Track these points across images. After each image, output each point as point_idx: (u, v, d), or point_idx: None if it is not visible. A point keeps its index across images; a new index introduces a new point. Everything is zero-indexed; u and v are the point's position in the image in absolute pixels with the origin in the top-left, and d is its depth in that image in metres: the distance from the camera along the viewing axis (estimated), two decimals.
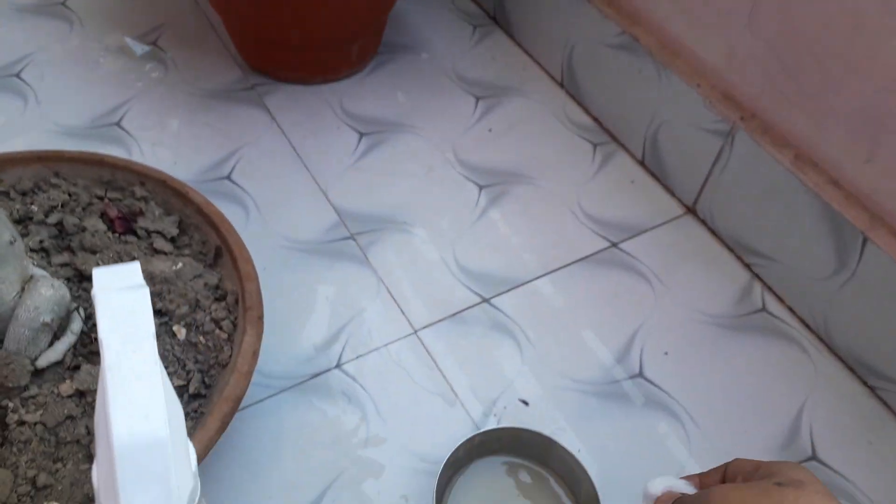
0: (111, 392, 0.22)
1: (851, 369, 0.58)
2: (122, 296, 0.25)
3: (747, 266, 0.64)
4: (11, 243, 0.43)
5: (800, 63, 0.55)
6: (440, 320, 0.60)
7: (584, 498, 0.47)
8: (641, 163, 0.72)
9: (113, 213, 0.53)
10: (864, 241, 0.54)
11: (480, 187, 0.69)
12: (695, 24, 0.63)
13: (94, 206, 0.54)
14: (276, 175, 0.69)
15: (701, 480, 0.39)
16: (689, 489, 0.39)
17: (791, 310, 0.61)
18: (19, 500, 0.39)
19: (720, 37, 0.61)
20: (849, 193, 0.55)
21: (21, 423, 0.40)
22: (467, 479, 0.49)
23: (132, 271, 0.26)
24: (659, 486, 0.40)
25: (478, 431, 0.48)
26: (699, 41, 0.63)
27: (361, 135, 0.73)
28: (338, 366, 0.56)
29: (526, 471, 0.50)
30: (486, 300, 0.61)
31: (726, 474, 0.37)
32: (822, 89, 0.54)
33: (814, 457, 0.53)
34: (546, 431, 0.48)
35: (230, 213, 0.64)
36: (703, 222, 0.67)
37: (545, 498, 0.49)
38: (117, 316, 0.25)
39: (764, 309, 0.62)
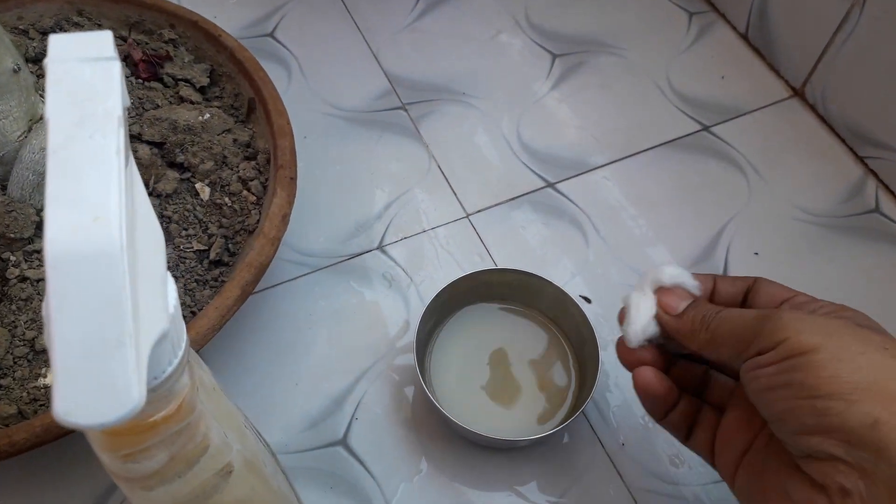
0: (51, 185, 0.16)
1: None
2: (83, 68, 0.19)
3: (860, 159, 0.55)
4: (16, 72, 0.38)
5: None
6: (496, 204, 0.53)
7: (587, 358, 0.42)
8: (744, 36, 0.62)
9: (138, 55, 0.47)
10: None
11: (554, 56, 0.60)
12: None
13: (119, 48, 0.48)
14: (323, 34, 0.62)
15: (717, 285, 0.33)
16: (698, 292, 0.33)
17: None
18: (15, 363, 0.35)
19: None
20: None
21: (23, 278, 0.36)
22: (459, 321, 0.45)
23: (102, 41, 0.19)
24: (670, 275, 0.33)
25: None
26: None
27: None
28: (380, 247, 0.51)
29: (524, 317, 0.45)
30: (550, 185, 0.54)
31: (756, 293, 0.31)
32: None
33: None
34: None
35: (271, 73, 0.57)
36: (812, 107, 0.57)
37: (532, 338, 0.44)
38: (75, 92, 0.18)
39: (877, 209, 0.52)
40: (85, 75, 0.19)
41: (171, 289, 0.19)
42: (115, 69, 0.20)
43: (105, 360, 0.15)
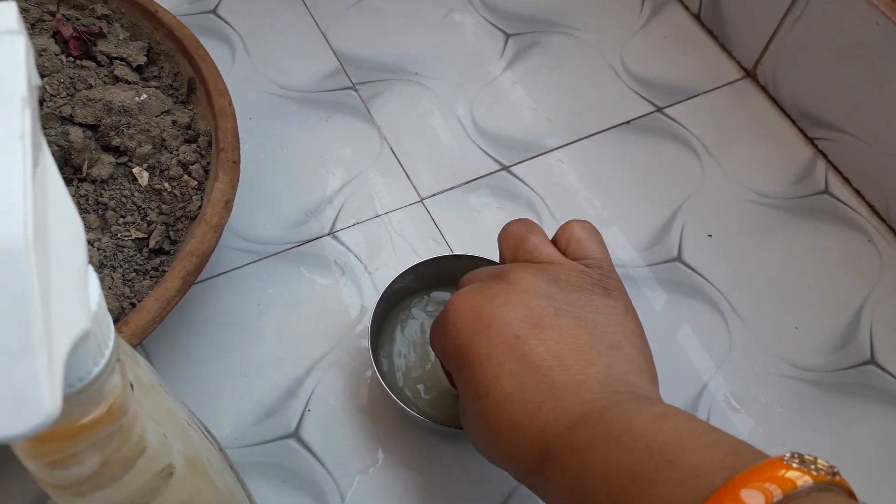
0: None
1: None
2: None
3: (811, 141, 0.55)
4: None
5: None
6: (451, 188, 0.52)
7: None
8: (697, 17, 0.61)
9: (67, 31, 0.44)
10: None
11: (507, 35, 0.59)
12: None
13: (46, 23, 0.45)
14: (269, 11, 0.59)
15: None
16: None
17: (858, 193, 0.53)
18: None
19: None
20: None
21: None
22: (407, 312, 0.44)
23: (4, 12, 0.17)
24: None
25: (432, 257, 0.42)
26: None
27: None
28: (331, 233, 0.49)
29: None
30: (505, 168, 0.53)
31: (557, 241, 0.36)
32: None
33: (872, 360, 0.46)
34: None
35: (214, 51, 0.55)
36: (764, 88, 0.58)
37: None
38: None
39: (826, 191, 0.53)
40: None
41: (94, 284, 0.18)
42: (20, 43, 0.18)
43: (11, 368, 0.13)
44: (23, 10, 0.46)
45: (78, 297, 0.16)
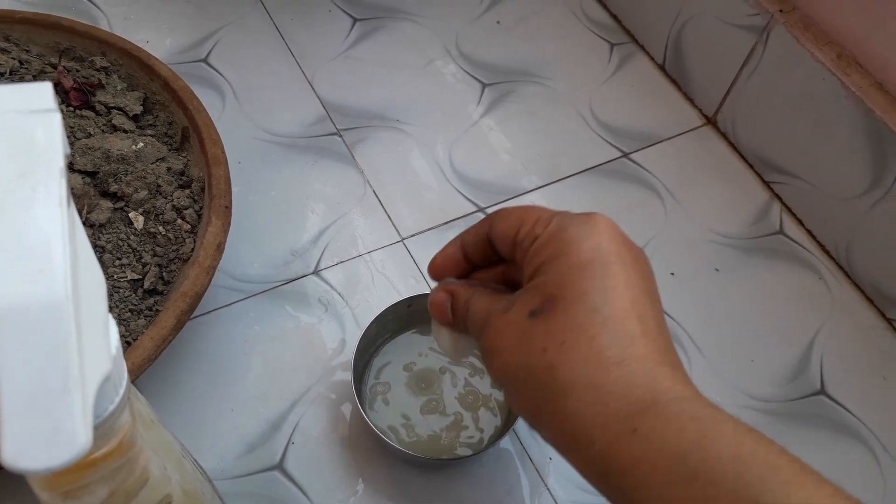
0: None
1: (870, 300, 0.54)
2: (24, 120, 0.19)
3: (767, 184, 0.59)
4: None
5: None
6: (430, 228, 0.55)
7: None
8: (661, 67, 0.66)
9: (68, 83, 0.47)
10: None
11: (484, 85, 0.63)
12: None
13: (48, 74, 0.48)
14: (258, 60, 0.62)
15: (464, 245, 0.32)
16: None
17: (810, 233, 0.57)
18: None
19: None
20: (894, 99, 0.50)
21: None
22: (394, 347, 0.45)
23: (41, 92, 0.20)
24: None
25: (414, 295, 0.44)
26: None
27: (355, 20, 0.66)
28: (315, 272, 0.52)
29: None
30: (481, 209, 0.56)
31: (491, 237, 0.31)
32: None
33: (822, 391, 0.49)
34: None
35: (205, 99, 0.58)
36: (724, 135, 0.62)
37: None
38: (15, 143, 0.19)
39: (781, 231, 0.57)
40: (26, 127, 0.20)
41: (113, 329, 0.20)
42: (56, 121, 0.21)
43: (52, 406, 0.15)
44: (25, 62, 0.49)
45: (102, 341, 0.19)
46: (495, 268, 0.33)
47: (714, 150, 0.61)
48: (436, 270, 0.33)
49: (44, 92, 0.21)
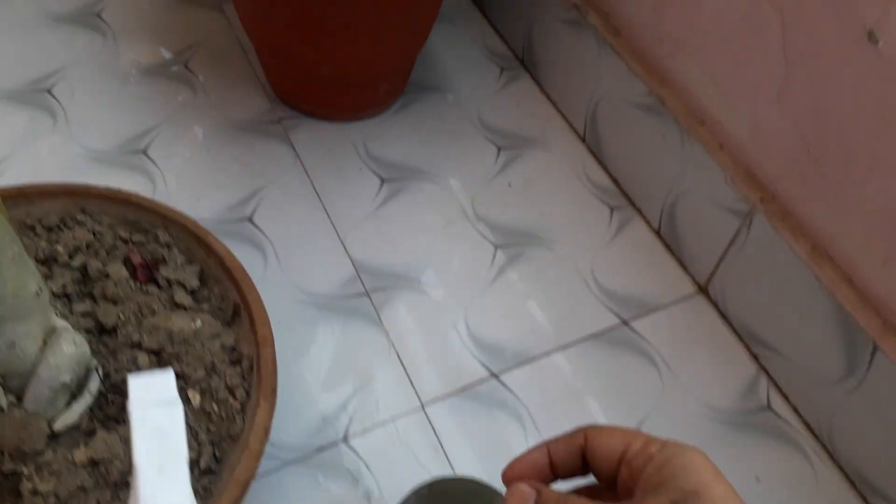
0: None
1: (853, 484, 0.58)
2: (156, 413, 0.26)
3: (754, 356, 0.65)
4: (38, 294, 0.43)
5: (825, 149, 0.55)
6: (448, 394, 0.60)
7: None
8: (657, 232, 0.72)
9: (136, 259, 0.54)
10: (875, 349, 0.53)
11: (496, 247, 0.70)
12: (723, 92, 0.62)
13: (118, 249, 0.54)
14: (296, 219, 0.69)
15: (551, 454, 0.33)
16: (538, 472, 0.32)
17: (796, 410, 0.62)
18: None
19: (747, 109, 0.60)
20: (863, 295, 0.55)
21: (35, 492, 0.41)
22: None
23: (166, 384, 0.27)
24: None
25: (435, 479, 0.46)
26: (726, 111, 0.62)
27: (383, 180, 0.73)
28: (344, 439, 0.57)
29: None
30: (494, 375, 0.62)
31: (593, 454, 0.31)
32: (844, 180, 0.54)
33: None
34: None
35: (249, 259, 0.65)
36: (715, 304, 0.68)
37: None
38: (153, 437, 0.26)
39: (769, 407, 0.62)
40: (158, 420, 0.27)
41: None
42: (180, 413, 0.27)
43: None
44: (98, 235, 0.56)
45: None
46: (573, 479, 0.33)
47: (706, 320, 0.67)
48: (514, 476, 0.32)
49: (168, 383, 0.28)
